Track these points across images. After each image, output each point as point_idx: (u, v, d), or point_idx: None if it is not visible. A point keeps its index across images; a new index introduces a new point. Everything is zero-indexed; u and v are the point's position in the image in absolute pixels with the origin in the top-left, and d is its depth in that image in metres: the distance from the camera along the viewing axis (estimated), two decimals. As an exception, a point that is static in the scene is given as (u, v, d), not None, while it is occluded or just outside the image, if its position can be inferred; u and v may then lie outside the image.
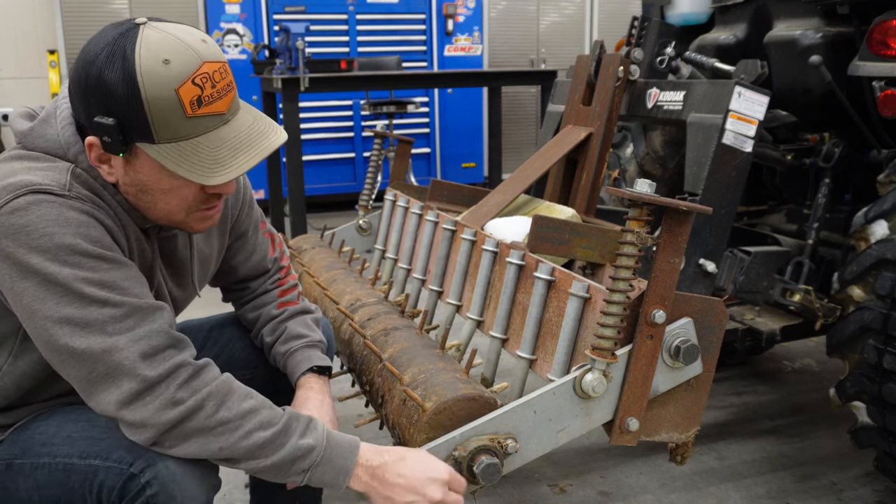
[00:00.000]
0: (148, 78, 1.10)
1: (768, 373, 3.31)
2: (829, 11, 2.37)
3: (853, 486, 2.38)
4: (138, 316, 1.15)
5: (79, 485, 1.20)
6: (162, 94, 1.10)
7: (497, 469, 1.27)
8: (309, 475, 1.22)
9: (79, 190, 1.18)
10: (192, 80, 1.12)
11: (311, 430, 1.23)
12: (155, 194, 1.22)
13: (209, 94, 1.14)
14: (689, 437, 1.45)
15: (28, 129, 1.24)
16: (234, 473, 2.35)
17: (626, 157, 3.03)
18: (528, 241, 1.47)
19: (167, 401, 1.13)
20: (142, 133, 1.13)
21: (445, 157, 7.12)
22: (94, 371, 1.13)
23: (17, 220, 1.11)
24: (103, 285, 1.14)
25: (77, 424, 1.27)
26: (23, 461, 1.25)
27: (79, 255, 1.13)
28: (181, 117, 1.13)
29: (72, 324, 1.12)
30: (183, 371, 1.16)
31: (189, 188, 1.22)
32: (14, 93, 6.22)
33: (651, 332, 1.32)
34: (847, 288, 2.04)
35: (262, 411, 1.20)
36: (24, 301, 1.13)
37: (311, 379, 1.54)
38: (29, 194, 1.13)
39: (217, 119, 1.17)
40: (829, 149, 2.54)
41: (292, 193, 4.65)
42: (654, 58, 2.48)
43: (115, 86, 1.11)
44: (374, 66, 5.87)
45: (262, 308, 1.67)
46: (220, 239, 1.55)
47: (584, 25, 7.79)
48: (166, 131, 1.13)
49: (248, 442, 1.17)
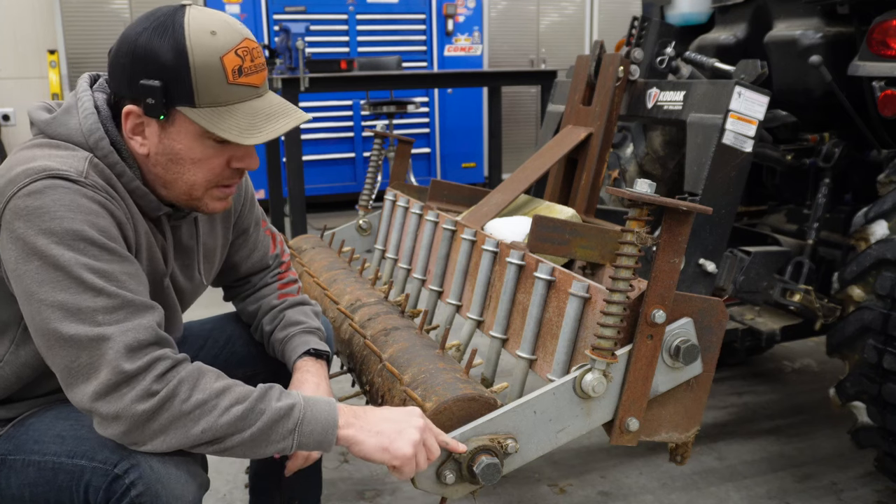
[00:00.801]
0: (196, 45, 1.20)
1: (768, 373, 3.31)
2: (829, 11, 2.37)
3: (853, 486, 2.38)
4: (130, 310, 1.16)
5: (66, 484, 1.21)
6: (208, 60, 1.21)
7: (497, 469, 1.27)
8: (297, 436, 1.20)
9: (94, 179, 1.21)
10: (235, 52, 1.23)
11: (287, 395, 1.23)
12: (184, 164, 1.27)
13: (248, 67, 1.24)
14: (689, 437, 1.45)
15: (50, 118, 1.29)
16: (233, 473, 2.35)
17: (626, 157, 3.03)
18: (528, 241, 1.48)
19: (143, 392, 1.12)
20: (184, 97, 1.21)
21: (445, 157, 7.13)
22: (77, 359, 1.13)
23: (31, 203, 1.15)
24: (102, 274, 1.15)
25: (67, 422, 1.27)
26: (15, 457, 1.26)
27: (84, 242, 1.15)
28: (223, 83, 1.22)
29: (64, 309, 1.13)
30: (160, 364, 1.16)
31: (218, 158, 1.28)
32: (14, 93, 6.22)
33: (651, 332, 1.32)
34: (847, 288, 2.04)
35: (235, 388, 1.20)
36: (25, 283, 1.15)
37: (307, 362, 1.54)
38: (46, 178, 1.16)
39: (252, 90, 1.26)
40: (829, 149, 2.54)
41: (292, 193, 4.65)
42: (654, 58, 2.48)
43: (164, 52, 1.20)
44: (374, 66, 5.87)
45: (262, 300, 1.69)
46: (224, 233, 1.57)
47: (584, 25, 7.79)
48: (207, 95, 1.22)
49: (228, 416, 1.16)
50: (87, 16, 6.11)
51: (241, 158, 1.30)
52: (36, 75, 6.27)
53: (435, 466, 1.28)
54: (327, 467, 2.30)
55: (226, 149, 1.27)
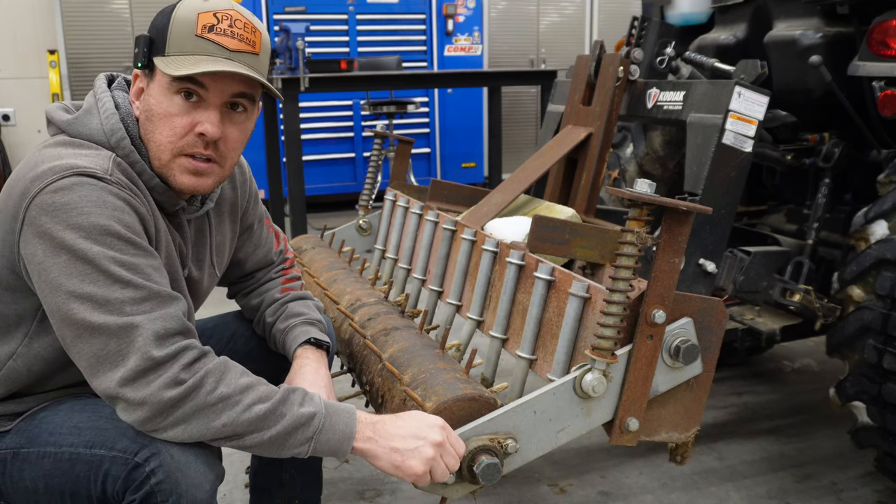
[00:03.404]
0: (185, 4, 1.30)
1: (768, 373, 3.31)
2: (829, 11, 2.37)
3: (853, 486, 2.38)
4: (156, 301, 1.20)
5: (84, 474, 1.22)
6: (186, 15, 1.29)
7: (497, 469, 1.27)
8: (313, 443, 1.22)
9: (119, 176, 1.25)
10: (214, 14, 1.29)
11: (310, 400, 1.25)
12: (155, 122, 1.30)
13: (222, 28, 1.29)
14: (689, 437, 1.45)
15: (72, 118, 1.32)
16: (233, 473, 2.35)
17: (626, 157, 3.03)
18: (528, 241, 1.48)
19: (170, 380, 1.15)
20: (160, 46, 1.29)
21: (445, 157, 7.12)
22: (105, 347, 1.16)
23: (59, 199, 1.18)
24: (129, 267, 1.19)
25: (83, 414, 1.28)
26: (29, 450, 1.27)
27: (111, 237, 1.19)
28: (190, 34, 1.27)
29: (93, 300, 1.16)
30: (188, 353, 1.18)
31: (182, 117, 1.29)
32: (14, 93, 6.22)
33: (651, 332, 1.32)
34: (847, 288, 2.04)
35: (259, 386, 1.22)
36: (51, 276, 1.17)
37: (307, 351, 1.55)
38: (74, 176, 1.20)
39: (220, 50, 1.28)
40: (829, 149, 2.54)
41: (292, 193, 4.65)
42: (654, 58, 2.48)
43: (162, 16, 1.31)
44: (374, 66, 5.86)
45: (265, 293, 1.71)
46: (233, 227, 1.60)
47: (584, 25, 7.79)
48: (175, 45, 1.28)
49: (250, 414, 1.18)
50: (87, 16, 6.11)
51: (202, 123, 1.29)
52: (36, 75, 6.26)
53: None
54: (327, 467, 2.30)
55: (192, 111, 1.29)
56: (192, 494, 1.18)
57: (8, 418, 1.33)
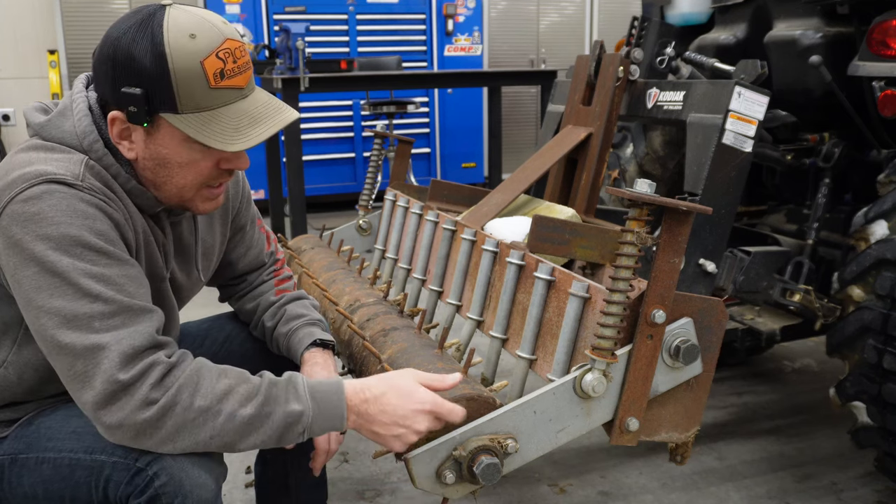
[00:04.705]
0: (175, 50, 1.17)
1: (768, 373, 3.31)
2: (829, 11, 2.37)
3: (853, 486, 2.38)
4: (127, 315, 1.16)
5: (84, 479, 1.21)
6: (188, 65, 1.18)
7: (497, 469, 1.27)
8: (307, 434, 1.23)
9: (91, 182, 1.21)
10: (216, 54, 1.20)
11: (293, 393, 1.22)
12: (172, 168, 1.26)
13: (231, 69, 1.22)
14: (689, 437, 1.45)
15: (45, 120, 1.28)
16: (234, 473, 2.35)
17: (626, 157, 3.03)
18: (528, 241, 1.47)
19: (140, 401, 1.12)
20: (167, 103, 1.19)
21: (445, 157, 7.12)
22: (73, 367, 1.13)
23: (29, 209, 1.15)
24: (100, 279, 1.15)
25: (82, 419, 1.27)
26: (27, 456, 1.26)
27: (81, 247, 1.15)
28: (205, 88, 1.19)
29: (60, 315, 1.13)
30: (155, 370, 1.15)
31: (206, 161, 1.26)
32: (14, 93, 6.22)
33: (651, 332, 1.32)
34: (847, 288, 2.04)
35: (238, 388, 1.19)
36: (24, 289, 1.15)
37: (315, 354, 1.55)
38: (43, 184, 1.16)
39: (237, 93, 1.24)
40: (829, 149, 2.54)
41: (292, 193, 4.65)
42: (654, 58, 2.48)
43: (143, 58, 1.17)
44: (374, 66, 5.86)
45: (259, 297, 1.69)
46: (223, 230, 1.58)
47: (584, 25, 7.79)
48: (190, 101, 1.19)
49: (234, 423, 1.16)
50: (87, 16, 6.11)
51: (230, 160, 1.29)
52: (36, 75, 6.27)
53: (435, 466, 1.28)
54: (328, 467, 2.30)
55: (214, 151, 1.25)
56: (198, 494, 1.18)
57: (4, 425, 1.33)
